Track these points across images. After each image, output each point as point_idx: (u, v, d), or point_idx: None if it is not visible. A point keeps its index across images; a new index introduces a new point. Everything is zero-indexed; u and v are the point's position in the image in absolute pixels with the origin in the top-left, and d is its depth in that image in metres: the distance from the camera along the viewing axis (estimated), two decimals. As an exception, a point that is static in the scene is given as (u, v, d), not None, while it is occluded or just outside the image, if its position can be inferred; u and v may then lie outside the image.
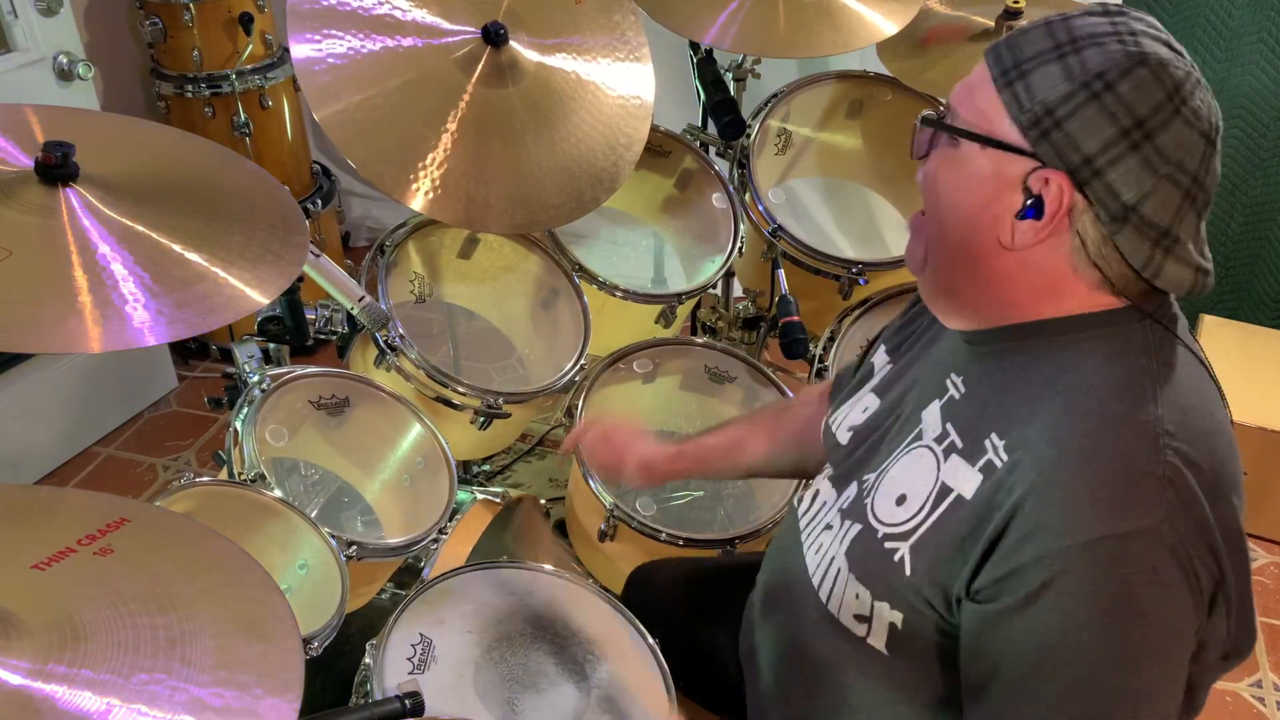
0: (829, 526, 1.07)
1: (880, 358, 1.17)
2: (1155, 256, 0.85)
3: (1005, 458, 0.89)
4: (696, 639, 1.38)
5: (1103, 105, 0.83)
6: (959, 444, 0.94)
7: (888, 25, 1.86)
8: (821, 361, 1.79)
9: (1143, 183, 0.83)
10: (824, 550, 1.06)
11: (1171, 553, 0.83)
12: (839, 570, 1.03)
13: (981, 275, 0.93)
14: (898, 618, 0.96)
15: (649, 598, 1.46)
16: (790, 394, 1.81)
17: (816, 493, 1.14)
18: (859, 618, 1.00)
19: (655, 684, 1.27)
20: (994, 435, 0.91)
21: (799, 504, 1.17)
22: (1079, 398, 0.87)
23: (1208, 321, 2.58)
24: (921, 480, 0.96)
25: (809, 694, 1.10)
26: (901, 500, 0.98)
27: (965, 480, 0.92)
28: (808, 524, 1.12)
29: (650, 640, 1.31)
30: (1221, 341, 2.51)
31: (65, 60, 2.21)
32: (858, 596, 1.00)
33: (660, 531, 1.59)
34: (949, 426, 0.97)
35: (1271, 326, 2.61)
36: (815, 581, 1.06)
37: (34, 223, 1.06)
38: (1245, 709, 1.97)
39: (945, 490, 0.93)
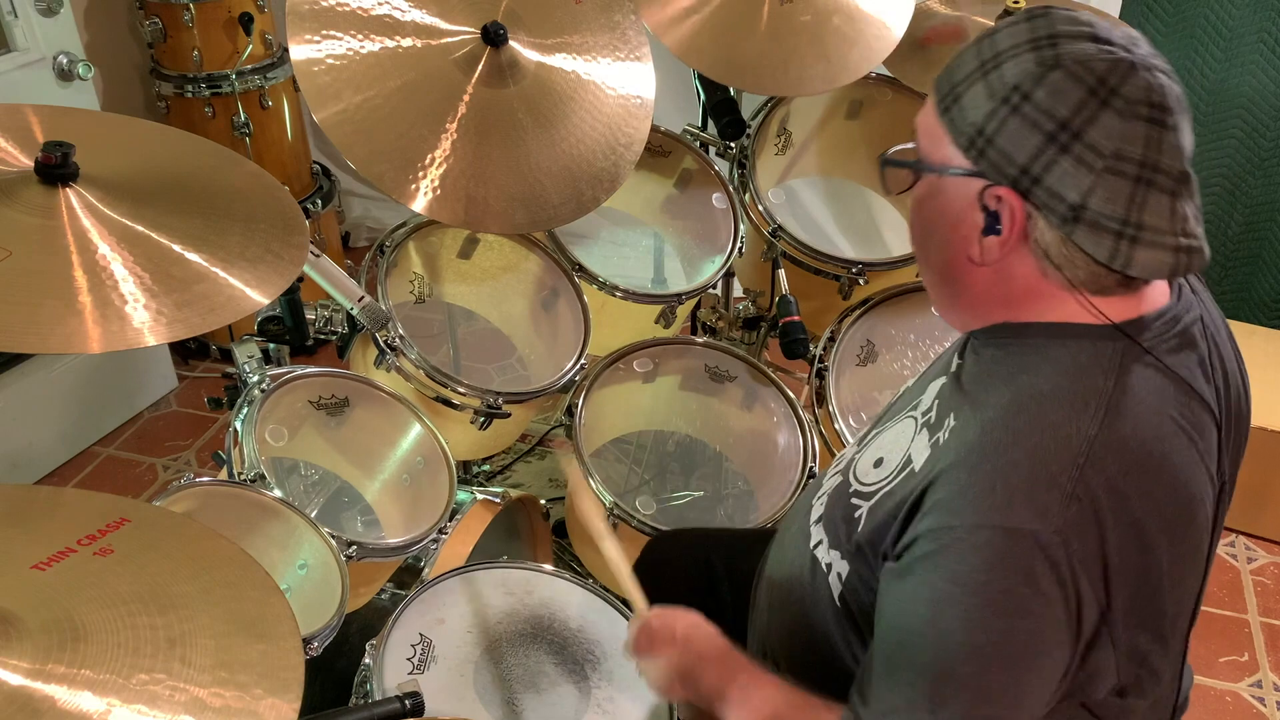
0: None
1: None
2: (1121, 247, 0.86)
3: (947, 436, 0.93)
4: (705, 610, 1.38)
5: (1023, 116, 0.85)
6: (933, 420, 0.98)
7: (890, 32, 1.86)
8: (821, 361, 1.79)
9: (1082, 181, 0.84)
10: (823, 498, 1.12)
11: (1053, 566, 0.83)
12: (820, 513, 1.09)
13: (964, 289, 0.97)
14: (845, 569, 1.02)
15: (663, 567, 1.45)
16: (790, 394, 1.81)
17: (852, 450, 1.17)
18: (814, 558, 1.06)
19: (655, 684, 1.27)
20: (952, 416, 0.94)
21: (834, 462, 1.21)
22: (1023, 398, 0.90)
23: (1208, 321, 2.57)
24: (898, 448, 1.00)
25: (799, 649, 1.12)
26: (878, 463, 1.02)
27: (920, 453, 0.96)
28: (826, 476, 1.16)
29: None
30: (1221, 341, 2.50)
31: (65, 60, 2.21)
32: (821, 541, 1.06)
33: (660, 531, 1.59)
34: (935, 403, 1.00)
35: (1271, 326, 2.61)
36: (811, 526, 1.10)
37: (34, 223, 1.06)
38: (1245, 709, 1.97)
39: (908, 461, 0.97)
